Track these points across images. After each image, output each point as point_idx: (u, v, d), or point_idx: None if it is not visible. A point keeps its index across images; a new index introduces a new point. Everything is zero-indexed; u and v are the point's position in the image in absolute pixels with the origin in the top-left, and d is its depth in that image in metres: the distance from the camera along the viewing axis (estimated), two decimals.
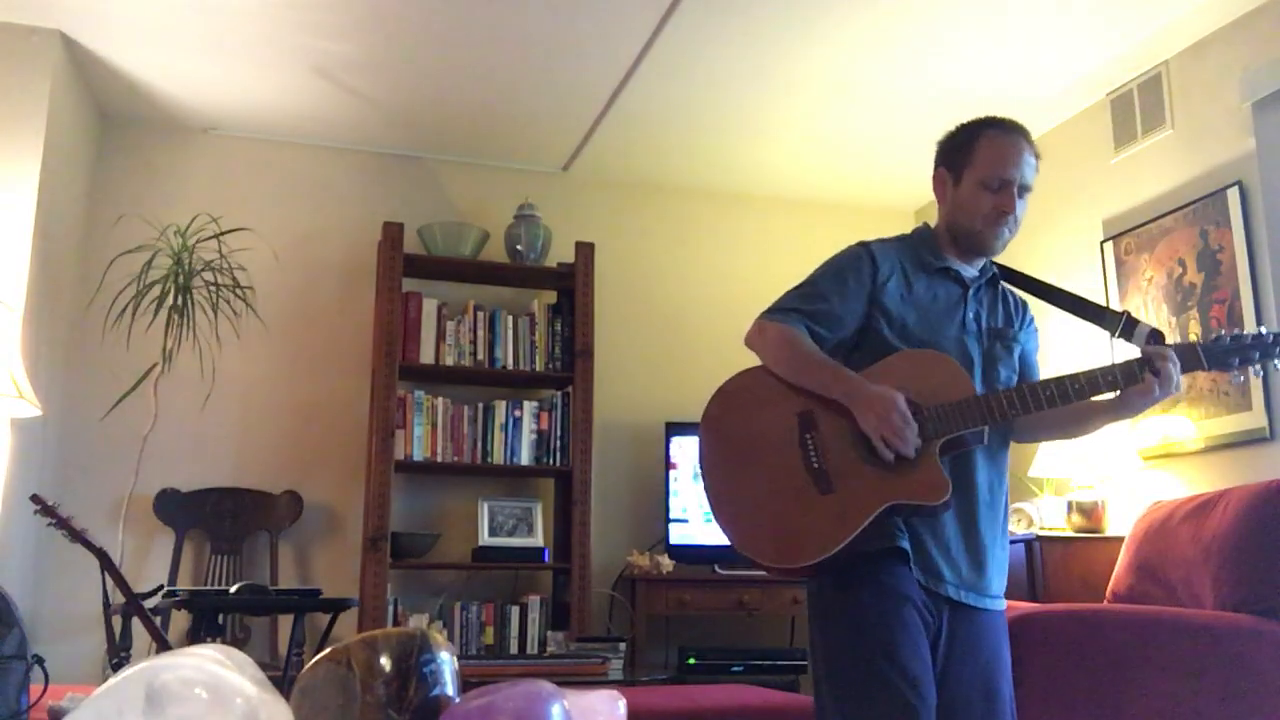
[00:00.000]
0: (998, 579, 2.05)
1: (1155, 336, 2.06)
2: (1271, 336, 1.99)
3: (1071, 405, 2.00)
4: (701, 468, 2.11)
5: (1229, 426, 3.57)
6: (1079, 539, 3.75)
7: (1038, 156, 2.11)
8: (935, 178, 2.17)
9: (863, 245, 2.14)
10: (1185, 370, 1.98)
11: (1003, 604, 2.08)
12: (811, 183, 5.06)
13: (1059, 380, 1.97)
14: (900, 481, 1.91)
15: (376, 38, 3.85)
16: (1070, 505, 3.85)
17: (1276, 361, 1.99)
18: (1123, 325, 2.11)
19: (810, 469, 1.97)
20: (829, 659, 1.99)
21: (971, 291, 2.12)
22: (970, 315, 2.10)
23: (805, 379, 2.02)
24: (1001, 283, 2.21)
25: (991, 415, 1.94)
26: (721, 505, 2.05)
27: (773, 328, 2.07)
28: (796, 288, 2.13)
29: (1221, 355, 1.99)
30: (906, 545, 1.95)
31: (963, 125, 2.15)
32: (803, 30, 3.76)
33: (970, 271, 2.13)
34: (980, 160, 2.07)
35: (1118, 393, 2.00)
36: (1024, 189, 2.07)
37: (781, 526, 1.98)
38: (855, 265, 2.09)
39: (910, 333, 2.04)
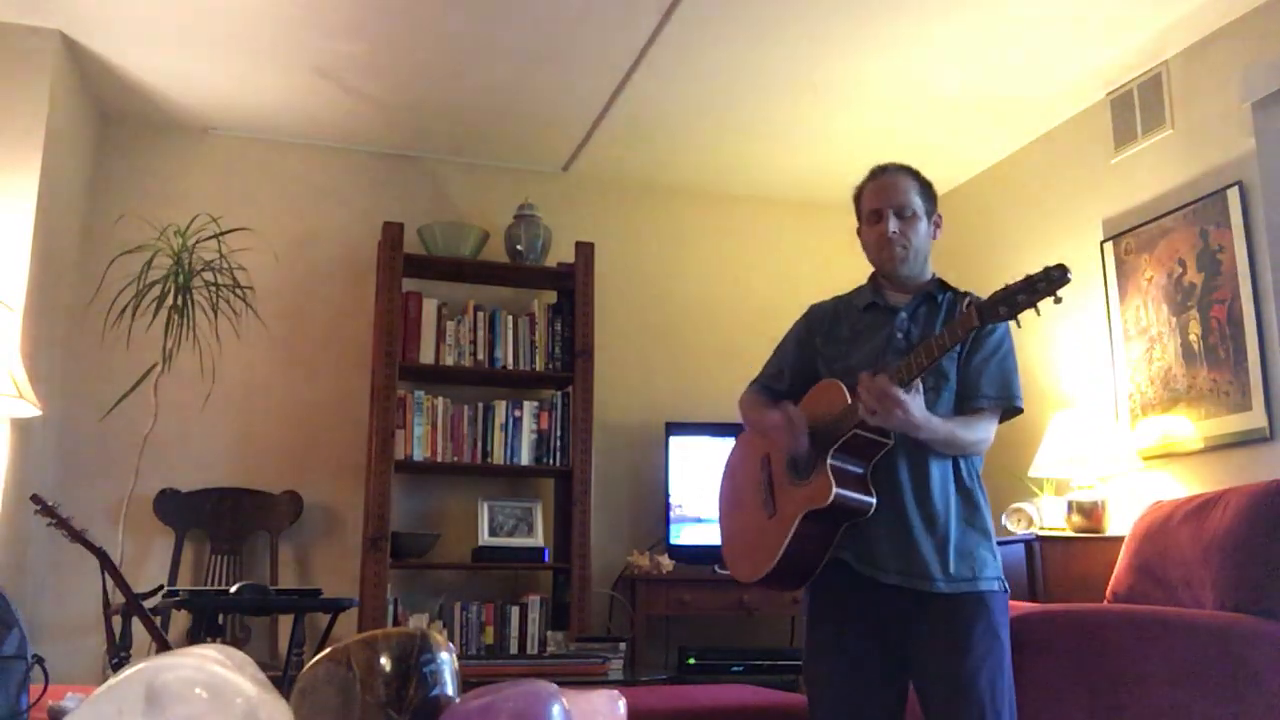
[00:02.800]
0: (947, 565, 2.17)
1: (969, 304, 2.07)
2: (1040, 272, 1.97)
3: None
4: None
5: (1229, 426, 3.57)
6: (1079, 539, 3.75)
7: (921, 184, 2.38)
8: (857, 234, 2.46)
9: (805, 313, 2.52)
10: (963, 334, 2.05)
11: (967, 587, 2.17)
12: (811, 183, 5.06)
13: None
14: (807, 493, 2.21)
15: (377, 38, 3.85)
16: (1070, 505, 3.85)
17: (1048, 299, 1.96)
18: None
19: (764, 498, 2.36)
20: (802, 656, 2.40)
21: (905, 314, 2.33)
22: (899, 334, 2.31)
23: (748, 422, 2.47)
24: (961, 297, 2.27)
25: (852, 420, 2.16)
26: (723, 541, 2.51)
27: (743, 395, 2.53)
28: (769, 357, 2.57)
29: (991, 308, 2.01)
30: (844, 555, 2.22)
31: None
32: (802, 31, 3.76)
33: (899, 298, 2.37)
34: (863, 204, 2.42)
35: None
36: (901, 209, 2.34)
37: (748, 549, 2.38)
38: (796, 333, 2.51)
39: (833, 367, 2.37)
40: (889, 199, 2.35)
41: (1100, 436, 3.89)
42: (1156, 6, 3.61)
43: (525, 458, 4.43)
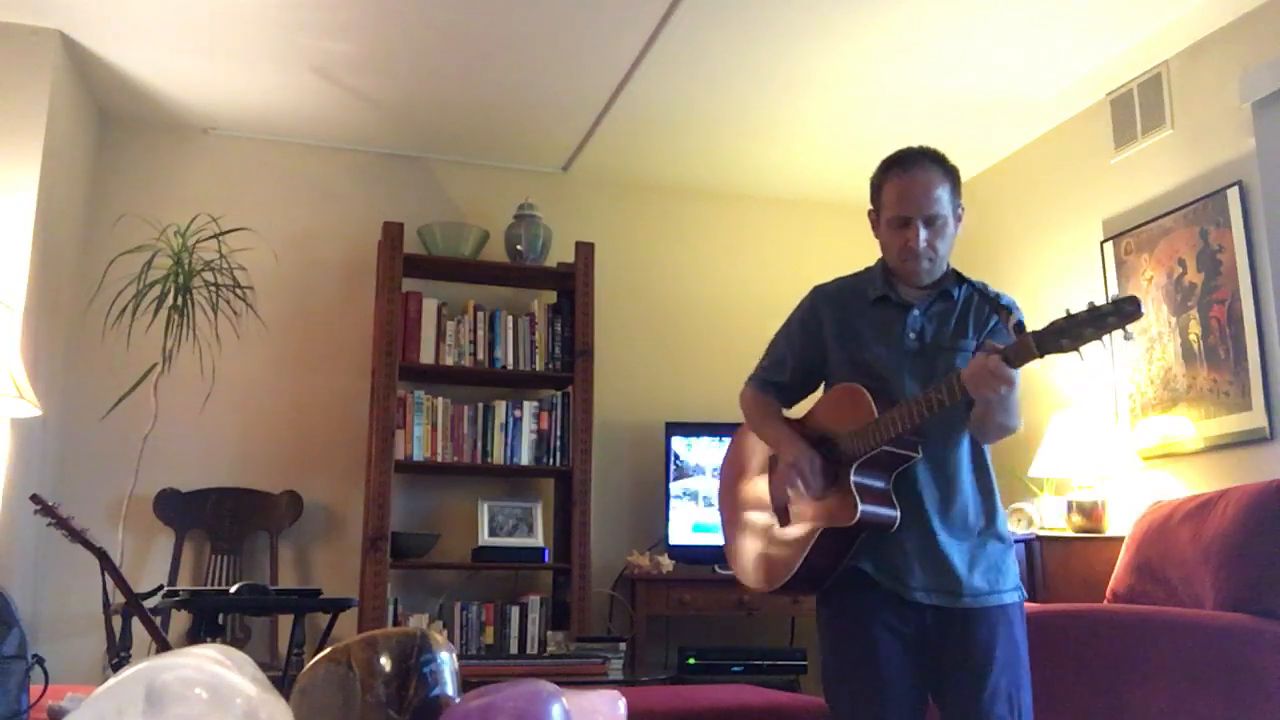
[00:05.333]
0: (974, 578, 2.11)
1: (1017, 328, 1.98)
2: (1109, 304, 1.82)
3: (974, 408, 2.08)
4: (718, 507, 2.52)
5: (1229, 426, 3.57)
6: (1079, 539, 3.75)
7: (952, 179, 2.20)
8: (869, 215, 2.30)
9: (810, 296, 2.37)
10: (1019, 363, 1.91)
11: (992, 600, 2.11)
12: (811, 182, 5.06)
13: (924, 397, 2.03)
14: (826, 509, 2.14)
15: (376, 38, 3.85)
16: (1070, 505, 3.85)
17: (1114, 333, 1.84)
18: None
19: (775, 504, 2.29)
20: (821, 668, 2.26)
21: (918, 311, 2.20)
22: (911, 333, 2.19)
23: (758, 434, 2.38)
24: (976, 294, 2.20)
25: (884, 435, 2.06)
26: (725, 539, 2.44)
27: (744, 392, 2.42)
28: (766, 349, 2.44)
29: (1052, 338, 1.86)
30: (865, 566, 2.13)
31: (878, 167, 2.28)
32: (802, 30, 3.76)
33: (913, 294, 2.23)
34: (886, 202, 2.21)
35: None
36: (932, 219, 2.15)
37: (756, 557, 2.32)
38: (801, 317, 2.37)
39: (845, 358, 2.25)
40: (919, 207, 2.15)
41: (1100, 436, 3.89)
42: (1156, 7, 3.61)
43: (525, 458, 4.43)
